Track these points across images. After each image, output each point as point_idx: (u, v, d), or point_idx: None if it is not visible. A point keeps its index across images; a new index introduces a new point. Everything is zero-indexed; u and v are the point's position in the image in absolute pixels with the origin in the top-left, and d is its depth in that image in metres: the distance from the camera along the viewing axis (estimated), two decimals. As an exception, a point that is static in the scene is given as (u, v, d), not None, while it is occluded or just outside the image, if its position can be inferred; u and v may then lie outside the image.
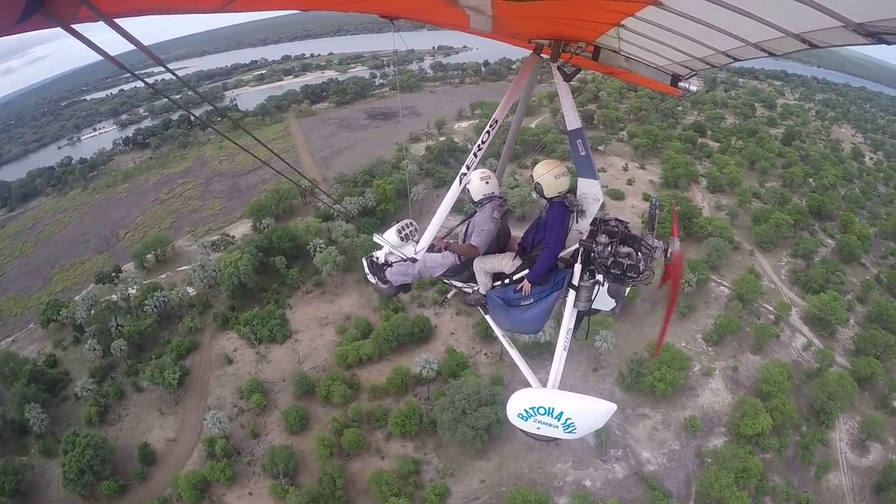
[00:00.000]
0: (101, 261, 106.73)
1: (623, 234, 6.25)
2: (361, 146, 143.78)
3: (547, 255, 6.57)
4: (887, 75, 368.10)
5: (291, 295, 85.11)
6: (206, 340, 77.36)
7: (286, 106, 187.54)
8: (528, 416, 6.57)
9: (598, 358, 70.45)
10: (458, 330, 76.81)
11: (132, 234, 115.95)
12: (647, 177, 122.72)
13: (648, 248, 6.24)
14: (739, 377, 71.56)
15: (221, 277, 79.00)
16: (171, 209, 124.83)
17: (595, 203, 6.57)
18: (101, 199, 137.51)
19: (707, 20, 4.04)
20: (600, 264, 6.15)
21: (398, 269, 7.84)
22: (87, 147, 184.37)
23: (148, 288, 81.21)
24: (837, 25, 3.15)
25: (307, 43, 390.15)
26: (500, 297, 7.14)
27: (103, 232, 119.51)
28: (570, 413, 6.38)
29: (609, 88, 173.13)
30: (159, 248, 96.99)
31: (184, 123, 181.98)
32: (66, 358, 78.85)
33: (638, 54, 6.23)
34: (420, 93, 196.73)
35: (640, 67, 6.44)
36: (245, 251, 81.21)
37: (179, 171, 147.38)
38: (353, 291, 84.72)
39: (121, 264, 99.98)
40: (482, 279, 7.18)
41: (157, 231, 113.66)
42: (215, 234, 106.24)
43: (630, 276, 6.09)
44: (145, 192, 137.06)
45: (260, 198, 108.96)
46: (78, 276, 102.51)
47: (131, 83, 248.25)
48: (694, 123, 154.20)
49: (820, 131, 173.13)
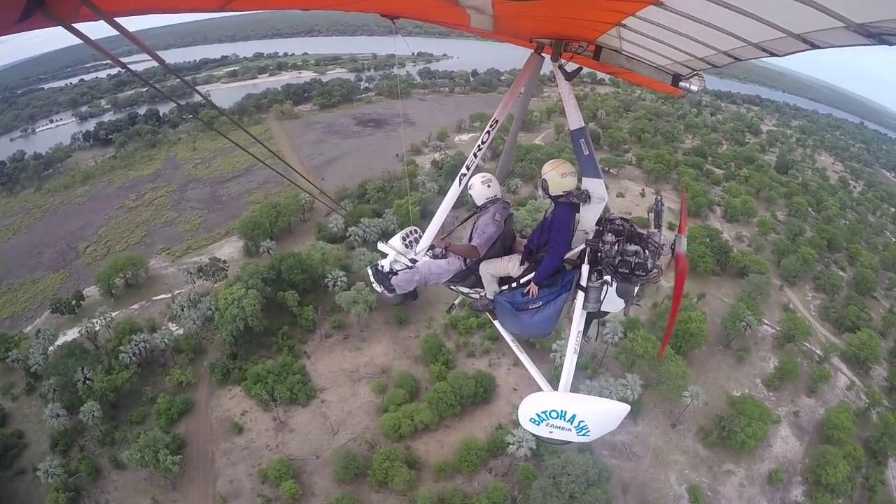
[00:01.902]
0: (56, 281, 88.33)
1: (629, 232, 6.00)
2: (356, 155, 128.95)
3: (552, 255, 6.38)
4: (846, 102, 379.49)
5: (307, 340, 68.61)
6: (201, 399, 60.71)
7: (266, 106, 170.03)
8: (540, 421, 6.26)
9: (677, 413, 62.71)
10: (520, 385, 63.62)
11: (94, 248, 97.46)
12: (665, 204, 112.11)
13: (655, 245, 5.99)
14: (801, 422, 67.09)
15: (221, 320, 62.71)
16: (141, 220, 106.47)
17: (600, 202, 6.25)
18: (56, 202, 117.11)
19: (708, 20, 3.94)
20: (608, 264, 5.91)
21: (404, 276, 7.28)
22: (42, 140, 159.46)
23: (122, 328, 63.98)
24: (838, 26, 3.07)
25: (277, 42, 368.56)
26: (508, 301, 6.90)
27: (59, 244, 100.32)
28: (582, 416, 6.14)
29: (607, 108, 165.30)
30: (130, 271, 79.23)
31: (151, 119, 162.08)
32: (18, 412, 61.28)
33: (639, 54, 6.03)
34: (410, 100, 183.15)
35: (642, 67, 6.23)
36: (248, 285, 65.16)
37: (148, 175, 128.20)
38: (384, 335, 69.99)
39: (82, 287, 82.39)
40: (489, 284, 7.05)
41: (124, 247, 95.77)
42: (196, 254, 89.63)
43: (638, 274, 5.83)
44: (109, 198, 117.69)
45: (253, 213, 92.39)
46: (28, 300, 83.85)
47: (92, 73, 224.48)
48: (695, 148, 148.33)
49: (805, 159, 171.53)
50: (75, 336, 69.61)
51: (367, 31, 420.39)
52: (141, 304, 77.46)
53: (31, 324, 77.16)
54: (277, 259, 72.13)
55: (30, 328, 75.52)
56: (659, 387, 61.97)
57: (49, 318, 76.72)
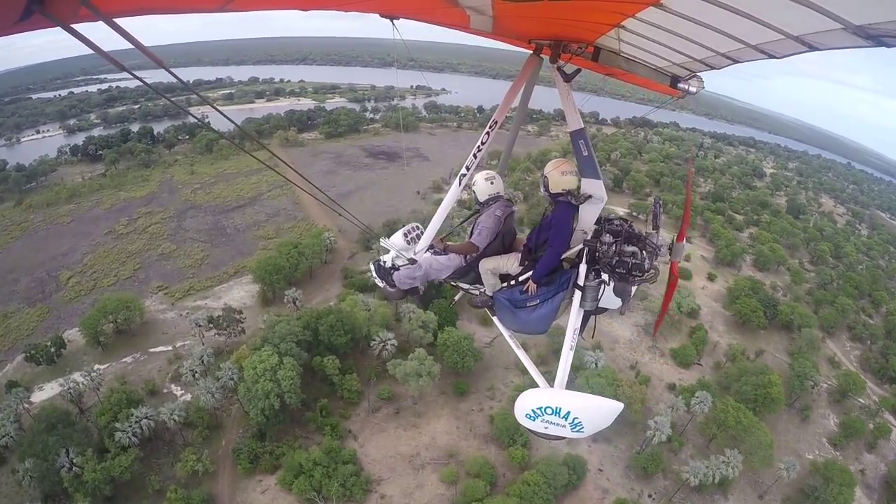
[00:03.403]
0: (32, 317, 74.38)
1: (627, 232, 5.92)
2: (373, 189, 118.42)
3: (550, 254, 6.30)
4: (829, 142, 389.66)
5: (350, 415, 55.97)
6: (222, 492, 47.20)
7: (269, 131, 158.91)
8: (535, 416, 6.26)
9: (764, 484, 56.64)
10: (604, 463, 54.10)
11: (78, 280, 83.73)
12: (697, 251, 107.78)
13: (653, 246, 5.91)
14: (868, 480, 62.61)
15: (249, 395, 49.72)
16: (133, 249, 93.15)
17: (599, 203, 6.14)
18: (38, 221, 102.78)
19: (707, 22, 3.91)
20: (605, 263, 5.86)
21: (405, 272, 7.37)
22: (26, 151, 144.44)
23: (116, 398, 49.91)
24: (837, 28, 3.02)
25: (271, 68, 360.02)
26: (507, 298, 6.80)
27: (38, 271, 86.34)
28: (577, 412, 6.14)
29: (621, 149, 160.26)
30: (122, 315, 65.98)
31: (145, 137, 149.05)
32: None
33: (638, 55, 6.03)
34: (418, 133, 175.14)
35: (640, 68, 6.19)
36: (281, 349, 52.55)
37: (141, 197, 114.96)
38: (442, 409, 58.31)
39: (63, 329, 69.08)
40: (488, 280, 6.99)
41: (113, 281, 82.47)
42: (200, 297, 76.99)
43: (635, 274, 5.78)
44: (96, 220, 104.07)
45: (268, 253, 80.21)
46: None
47: (82, 87, 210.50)
48: (711, 192, 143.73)
49: (811, 202, 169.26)
50: (55, 393, 56.32)
51: (362, 63, 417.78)
52: (135, 356, 64.27)
53: (0, 370, 63.45)
54: (313, 317, 59.57)
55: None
56: (750, 458, 54.87)
57: (22, 366, 63.22)
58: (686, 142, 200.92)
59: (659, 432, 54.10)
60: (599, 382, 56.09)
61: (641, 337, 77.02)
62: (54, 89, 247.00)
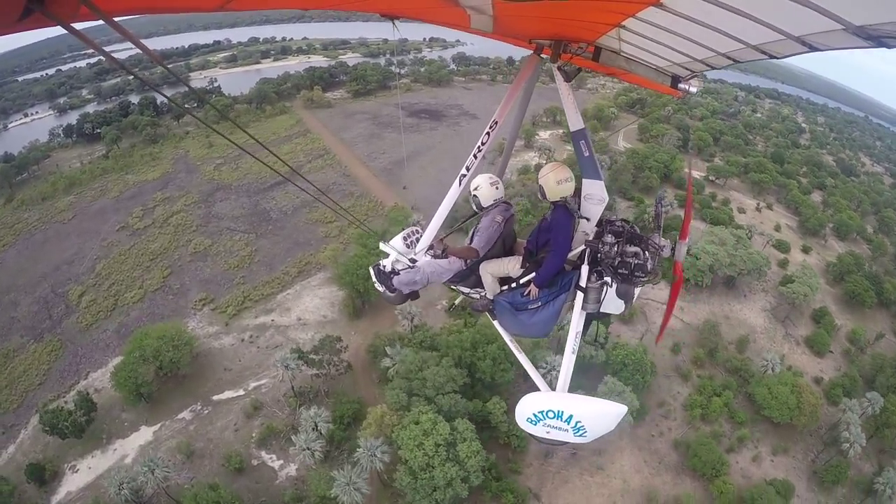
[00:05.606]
0: (42, 356, 55.02)
1: (629, 233, 5.59)
2: (430, 155, 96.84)
3: (553, 258, 5.88)
4: (842, 95, 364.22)
5: (520, 467, 41.67)
6: None
7: (289, 92, 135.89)
8: (537, 421, 5.99)
9: None
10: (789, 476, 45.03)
11: (92, 296, 63.68)
12: (779, 219, 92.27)
13: (655, 247, 5.56)
14: None
15: (420, 486, 32.22)
16: (156, 249, 72.52)
17: (600, 204, 5.85)
18: (33, 220, 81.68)
19: (708, 22, 3.81)
20: (607, 265, 5.55)
21: (405, 276, 6.70)
22: (14, 138, 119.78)
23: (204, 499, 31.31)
24: (838, 28, 2.96)
25: (267, 27, 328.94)
26: (508, 301, 6.39)
27: (41, 287, 66.35)
28: (579, 416, 5.88)
29: (672, 105, 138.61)
30: (169, 356, 46.10)
31: (148, 108, 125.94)
32: None
33: (638, 55, 5.67)
34: (453, 88, 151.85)
35: (641, 68, 5.87)
36: (450, 407, 35.92)
37: (154, 180, 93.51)
38: (620, 438, 45.77)
39: (85, 372, 50.03)
40: (489, 284, 6.56)
41: (139, 296, 62.87)
42: (261, 310, 57.22)
43: (638, 275, 5.47)
44: (104, 213, 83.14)
45: (345, 245, 59.94)
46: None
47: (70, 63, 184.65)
48: (773, 154, 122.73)
49: (853, 161, 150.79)
50: (95, 476, 37.81)
51: (362, 17, 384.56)
52: (194, 408, 45.10)
53: (6, 448, 44.61)
54: (463, 348, 40.66)
55: (4, 456, 43.25)
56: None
57: (37, 434, 44.37)
58: (721, 94, 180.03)
59: (856, 444, 46.83)
60: (783, 392, 48.51)
61: (775, 324, 65.55)
62: (41, 69, 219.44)
